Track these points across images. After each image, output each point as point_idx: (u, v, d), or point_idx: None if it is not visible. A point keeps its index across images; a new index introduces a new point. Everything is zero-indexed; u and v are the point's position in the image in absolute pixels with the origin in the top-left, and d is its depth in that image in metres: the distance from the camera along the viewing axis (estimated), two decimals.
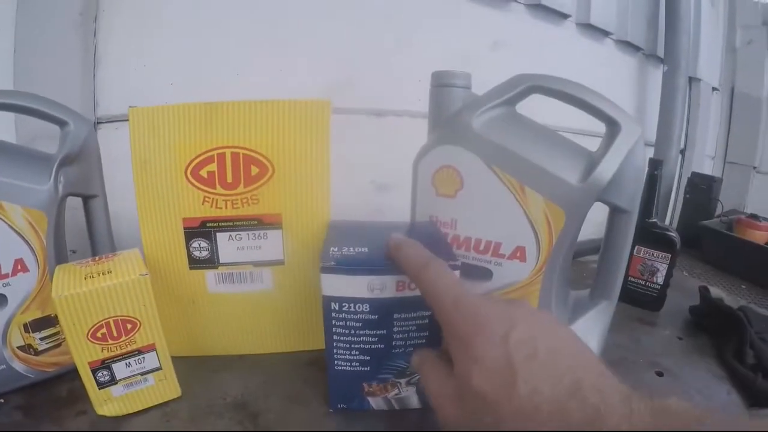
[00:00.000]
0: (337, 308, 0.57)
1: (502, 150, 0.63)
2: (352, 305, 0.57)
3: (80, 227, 0.74)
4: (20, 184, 0.63)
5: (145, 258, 0.64)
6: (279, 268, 0.71)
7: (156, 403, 0.65)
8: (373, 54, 1.01)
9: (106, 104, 0.90)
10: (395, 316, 0.58)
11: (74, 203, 0.71)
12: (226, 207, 0.67)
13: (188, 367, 0.67)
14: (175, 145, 0.64)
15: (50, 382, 0.69)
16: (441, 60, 0.74)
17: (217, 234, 0.68)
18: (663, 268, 0.87)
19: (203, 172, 0.65)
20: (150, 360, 0.62)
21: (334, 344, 0.60)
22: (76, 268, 0.61)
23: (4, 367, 0.66)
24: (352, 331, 0.59)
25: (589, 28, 1.30)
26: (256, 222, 0.68)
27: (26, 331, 0.66)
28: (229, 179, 0.65)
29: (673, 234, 0.88)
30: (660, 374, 0.69)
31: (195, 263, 0.70)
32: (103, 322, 0.58)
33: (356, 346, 0.59)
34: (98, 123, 0.89)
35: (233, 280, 0.71)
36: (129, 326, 0.60)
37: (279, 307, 0.73)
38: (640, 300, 0.89)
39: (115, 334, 0.59)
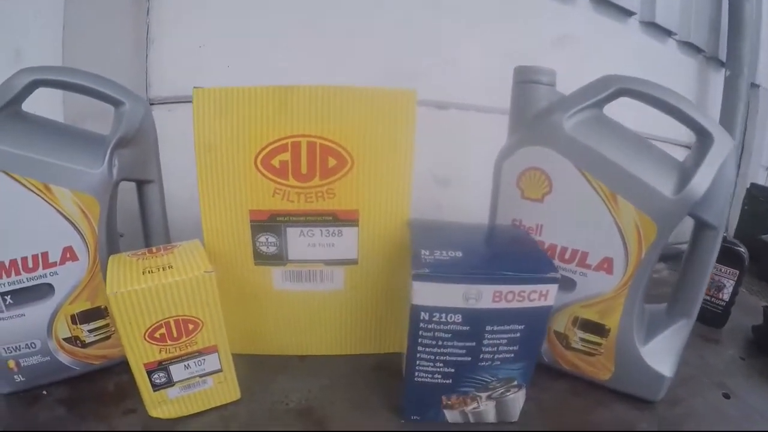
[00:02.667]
0: (426, 318, 0.43)
1: (594, 155, 0.49)
2: (443, 315, 0.43)
3: (128, 209, 0.58)
4: (71, 166, 0.49)
5: (206, 250, 0.49)
6: (352, 268, 0.56)
7: (214, 406, 0.51)
8: (434, 44, 0.84)
9: (159, 85, 0.74)
10: (487, 328, 0.44)
11: (124, 186, 0.55)
12: (298, 200, 0.52)
13: (247, 366, 0.52)
14: (244, 130, 0.49)
15: (96, 375, 0.55)
16: (503, 54, 0.60)
17: (288, 229, 0.53)
18: (729, 285, 0.73)
19: (275, 162, 0.50)
20: (211, 362, 0.48)
21: (418, 355, 0.46)
22: (132, 261, 0.46)
23: (48, 358, 0.53)
24: (440, 343, 0.45)
25: (652, 26, 1.10)
26: (330, 218, 0.53)
27: (73, 322, 0.53)
28: (304, 170, 0.51)
29: (742, 249, 0.73)
30: (727, 396, 0.56)
31: (261, 259, 0.55)
32: (162, 322, 0.44)
33: (441, 358, 0.46)
34: (150, 105, 0.72)
35: (302, 278, 0.56)
36: (190, 326, 0.45)
37: (348, 308, 0.58)
38: (703, 315, 0.74)
39: (174, 334, 0.45)
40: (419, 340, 0.45)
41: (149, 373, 0.46)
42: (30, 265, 0.49)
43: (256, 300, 0.57)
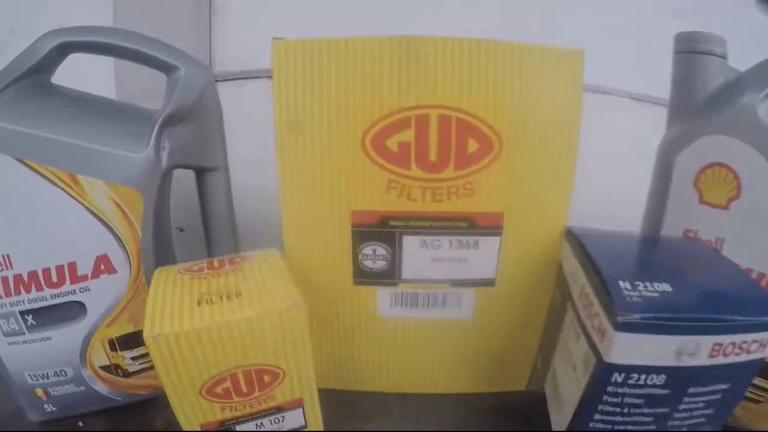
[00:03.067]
0: (619, 381, 0.23)
1: None
2: (642, 377, 0.23)
3: (187, 200, 0.38)
4: (104, 149, 0.29)
5: (288, 265, 0.29)
6: (486, 291, 0.32)
7: None
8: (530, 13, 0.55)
9: (224, 59, 0.50)
10: (690, 390, 0.24)
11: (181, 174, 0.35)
12: (423, 198, 0.29)
13: (333, 404, 0.31)
14: (347, 99, 0.28)
15: (142, 406, 0.35)
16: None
17: (404, 237, 0.31)
18: None
19: (391, 143, 0.28)
20: (293, 418, 0.28)
21: (592, 425, 0.25)
22: (185, 281, 0.27)
23: (83, 388, 0.34)
24: (625, 410, 0.24)
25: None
26: (465, 223, 0.30)
27: (113, 349, 0.33)
28: (433, 156, 0.28)
29: None
30: None
31: (364, 276, 0.32)
32: (227, 374, 0.24)
33: (620, 427, 0.25)
34: (216, 81, 0.50)
35: (417, 303, 0.33)
36: (267, 378, 0.25)
37: (473, 342, 0.35)
38: None
39: (244, 389, 0.25)
40: (599, 407, 0.24)
41: None
42: (54, 279, 0.30)
43: (353, 329, 0.34)
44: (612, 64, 0.43)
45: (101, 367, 0.33)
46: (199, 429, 0.26)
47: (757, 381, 0.32)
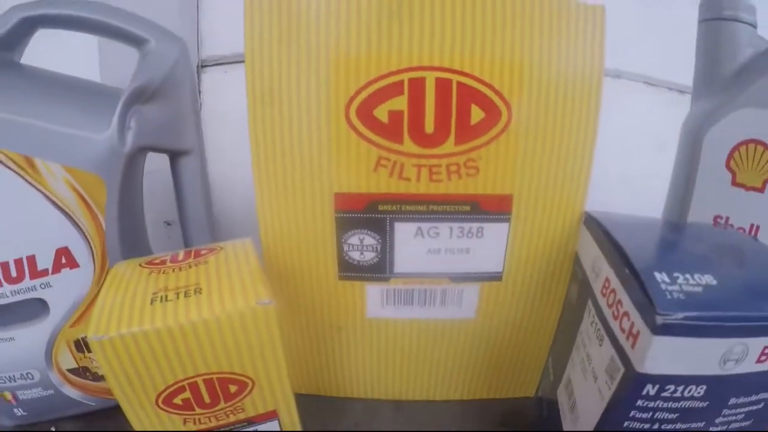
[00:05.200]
0: (652, 394, 0.18)
1: None
2: (680, 389, 0.18)
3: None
4: (62, 130, 0.25)
5: (264, 257, 0.25)
6: (491, 286, 0.27)
7: None
8: None
9: (214, 42, 0.44)
10: (731, 401, 0.19)
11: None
12: (418, 178, 0.24)
13: (320, 413, 0.27)
14: (328, 60, 0.23)
15: (116, 411, 0.30)
16: None
17: (396, 224, 0.25)
18: None
19: (380, 113, 0.23)
20: (267, 430, 0.24)
21: None
22: (143, 275, 0.22)
23: (51, 392, 0.30)
24: (655, 427, 0.19)
25: None
26: (468, 207, 0.25)
27: (79, 350, 0.29)
28: (429, 128, 0.23)
29: None
30: None
31: (350, 270, 0.27)
32: (185, 383, 0.20)
33: None
34: (203, 66, 0.44)
35: (413, 300, 0.27)
36: (233, 388, 0.21)
37: (476, 345, 0.29)
38: None
39: (207, 400, 0.21)
40: (625, 424, 0.20)
41: None
42: (13, 273, 0.26)
43: (339, 331, 0.29)
44: (624, 44, 0.38)
45: (69, 370, 0.29)
46: None
47: None
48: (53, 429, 0.31)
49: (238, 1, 0.23)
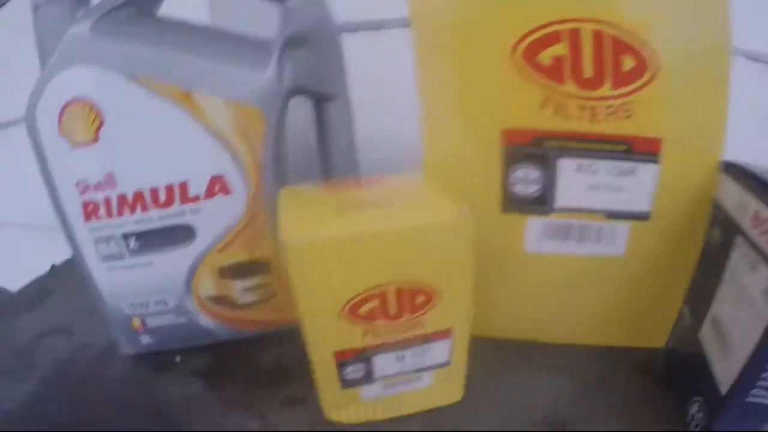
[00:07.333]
0: None
1: None
2: None
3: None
4: (224, 68, 0.26)
5: None
6: (640, 226, 0.27)
7: (420, 410, 0.26)
8: None
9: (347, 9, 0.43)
10: None
11: None
12: (580, 117, 0.24)
13: (475, 353, 0.26)
14: (493, 8, 0.23)
15: (249, 344, 0.31)
16: None
17: (560, 161, 0.25)
18: None
19: (544, 57, 0.23)
20: (437, 352, 0.24)
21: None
22: (319, 195, 0.22)
23: (184, 320, 0.31)
24: None
25: None
26: (624, 147, 0.25)
27: (223, 277, 0.30)
28: (588, 73, 0.23)
29: None
30: None
31: (513, 204, 0.27)
32: (376, 291, 0.20)
33: None
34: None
35: (570, 235, 0.27)
36: (420, 299, 0.21)
37: (622, 286, 0.29)
38: None
39: (393, 311, 0.21)
40: None
41: (341, 364, 0.22)
42: (162, 198, 0.27)
43: (499, 265, 0.28)
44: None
45: (207, 298, 0.30)
46: (331, 359, 0.22)
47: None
48: (179, 358, 0.32)
49: None
